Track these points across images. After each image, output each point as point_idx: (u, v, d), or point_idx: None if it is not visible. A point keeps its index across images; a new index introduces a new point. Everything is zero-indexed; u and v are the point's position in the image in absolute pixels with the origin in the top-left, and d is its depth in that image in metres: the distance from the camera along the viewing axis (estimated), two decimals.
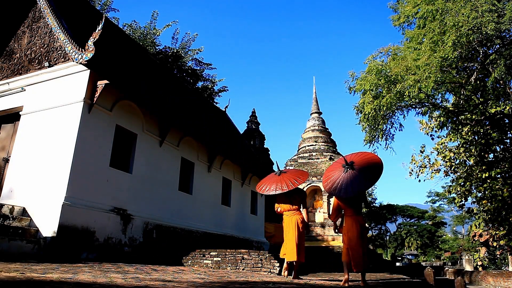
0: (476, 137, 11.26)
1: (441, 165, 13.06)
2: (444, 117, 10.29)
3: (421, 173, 13.38)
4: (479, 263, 22.18)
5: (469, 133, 11.19)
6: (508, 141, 11.50)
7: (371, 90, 8.75)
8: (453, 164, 12.61)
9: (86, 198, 7.02)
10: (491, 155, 11.75)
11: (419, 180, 14.37)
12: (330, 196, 23.69)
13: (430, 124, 12.65)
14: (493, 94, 9.63)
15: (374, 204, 44.94)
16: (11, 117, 8.36)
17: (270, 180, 7.07)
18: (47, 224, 6.38)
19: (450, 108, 10.20)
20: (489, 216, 11.74)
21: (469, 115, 10.28)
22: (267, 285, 4.74)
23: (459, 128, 10.80)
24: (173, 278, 4.73)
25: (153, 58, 14.12)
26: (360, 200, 6.42)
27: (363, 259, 5.95)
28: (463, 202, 12.74)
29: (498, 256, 21.26)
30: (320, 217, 23.46)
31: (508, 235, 12.03)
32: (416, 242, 44.63)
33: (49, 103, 7.65)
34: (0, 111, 8.44)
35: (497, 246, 18.20)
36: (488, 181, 11.21)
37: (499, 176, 11.35)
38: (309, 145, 27.46)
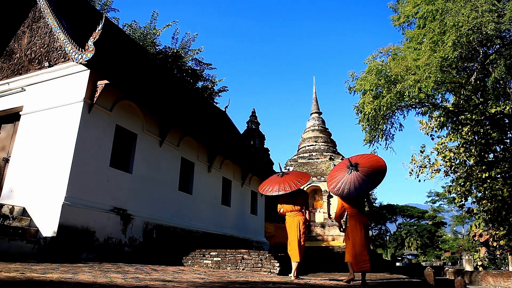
0: (476, 137, 11.27)
1: (441, 165, 13.06)
2: (444, 117, 10.29)
3: (421, 173, 13.39)
4: (479, 263, 22.18)
5: (469, 133, 11.19)
6: (508, 141, 11.50)
7: (371, 90, 8.75)
8: (453, 164, 12.61)
9: (86, 198, 7.02)
10: (491, 155, 11.75)
11: (419, 180, 14.38)
12: (330, 196, 23.72)
13: (430, 124, 12.65)
14: (493, 94, 9.63)
15: (374, 204, 44.94)
16: (11, 117, 8.36)
17: (273, 182, 7.17)
18: (47, 224, 6.38)
19: (450, 108, 10.21)
20: (489, 216, 11.74)
21: (469, 115, 10.28)
22: (267, 285, 4.74)
23: (459, 128, 10.80)
24: (173, 278, 4.73)
25: (153, 58, 14.12)
26: (364, 201, 6.53)
27: (367, 259, 6.02)
28: (463, 202, 12.75)
29: (498, 256, 21.26)
30: (320, 217, 23.46)
31: (508, 235, 12.03)
32: (416, 242, 44.63)
33: (49, 103, 7.65)
34: (0, 111, 8.44)
35: (497, 246, 18.20)
36: (488, 181, 11.21)
37: (499, 176, 11.35)
38: (309, 145, 27.47)
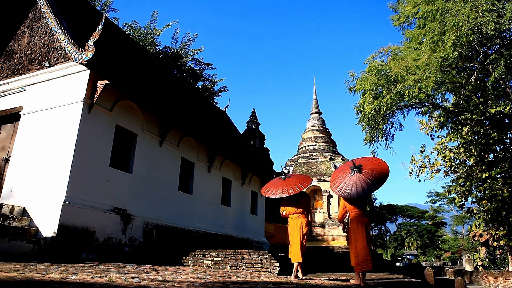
0: (476, 137, 11.26)
1: (441, 165, 13.06)
2: (444, 117, 10.29)
3: (421, 173, 13.40)
4: (479, 263, 22.17)
5: (469, 133, 11.19)
6: (508, 141, 11.50)
7: (371, 90, 8.75)
8: (453, 164, 12.61)
9: (86, 198, 7.02)
10: (491, 155, 11.75)
11: (419, 180, 14.40)
12: (330, 196, 23.72)
13: (430, 124, 12.65)
14: (493, 94, 9.63)
15: (374, 204, 44.94)
16: (11, 117, 8.36)
17: (276, 184, 7.28)
18: (47, 224, 6.38)
19: (450, 108, 10.20)
20: (489, 216, 11.74)
21: (469, 115, 10.28)
22: (267, 285, 4.74)
23: (459, 128, 10.80)
24: (173, 278, 4.73)
25: (153, 58, 14.12)
26: (366, 202, 6.63)
27: (369, 259, 6.13)
28: (463, 202, 12.74)
29: (498, 256, 21.25)
30: (320, 217, 23.46)
31: (508, 235, 12.02)
32: (416, 242, 44.63)
33: (49, 103, 7.65)
34: (0, 111, 8.44)
35: (497, 246, 18.20)
36: (488, 181, 11.21)
37: (499, 176, 11.35)
38: (309, 145, 27.48)
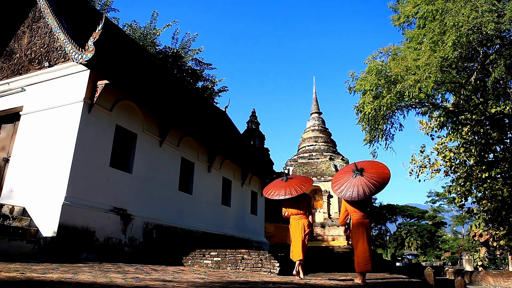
0: (476, 137, 11.26)
1: (441, 165, 13.05)
2: (444, 117, 10.28)
3: (421, 173, 13.39)
4: (479, 263, 22.16)
5: (469, 133, 11.19)
6: (508, 141, 11.50)
7: (371, 90, 8.75)
8: (453, 164, 12.61)
9: (86, 198, 7.02)
10: (491, 155, 11.75)
11: (419, 180, 14.38)
12: (330, 196, 23.73)
13: (430, 124, 12.64)
14: (493, 94, 9.63)
15: (374, 204, 44.95)
16: (11, 117, 8.36)
17: (278, 186, 7.40)
18: (47, 224, 6.38)
19: (450, 108, 10.20)
20: (489, 216, 11.74)
21: (469, 115, 10.27)
22: (267, 285, 4.74)
23: (459, 128, 10.80)
24: (173, 278, 4.73)
25: (153, 58, 14.12)
26: (367, 204, 6.72)
27: (369, 260, 6.26)
28: (463, 202, 12.73)
29: (498, 256, 21.24)
30: (320, 217, 23.47)
31: (508, 235, 12.02)
32: (416, 242, 44.63)
33: (49, 103, 7.65)
34: (0, 111, 8.44)
35: (497, 246, 18.18)
36: (488, 181, 11.20)
37: (499, 176, 11.35)
38: (309, 145, 27.48)
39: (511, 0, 7.48)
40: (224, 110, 18.10)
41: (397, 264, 32.69)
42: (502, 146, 11.55)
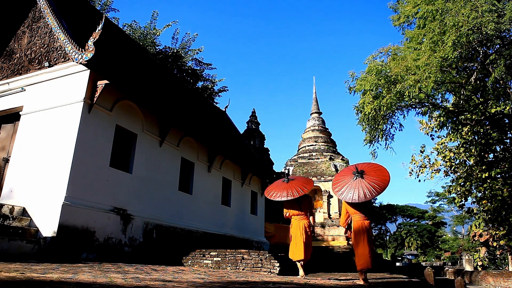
0: (476, 137, 11.26)
1: (441, 165, 13.06)
2: (444, 117, 10.28)
3: (421, 173, 13.39)
4: (479, 263, 22.17)
5: (469, 133, 11.19)
6: (508, 141, 11.50)
7: (371, 90, 8.75)
8: (453, 164, 12.61)
9: (86, 198, 7.02)
10: (491, 155, 11.75)
11: (419, 180, 14.39)
12: (330, 196, 23.73)
13: (430, 124, 12.64)
14: (493, 94, 9.63)
15: (374, 204, 44.97)
16: (11, 117, 8.36)
17: (279, 187, 7.53)
18: (47, 224, 6.38)
19: (450, 108, 10.20)
20: (489, 216, 11.74)
21: (469, 115, 10.28)
22: (267, 285, 4.74)
23: (459, 128, 10.80)
24: (173, 278, 4.73)
25: (153, 58, 14.12)
26: (367, 206, 6.77)
27: (368, 259, 6.32)
28: (463, 202, 12.74)
29: (498, 256, 21.23)
30: (320, 217, 23.47)
31: (508, 235, 12.02)
32: (416, 242, 44.64)
33: (49, 103, 7.65)
34: (0, 111, 8.44)
35: (497, 246, 18.19)
36: (488, 181, 11.20)
37: (499, 176, 11.35)
38: (309, 145, 27.48)
39: (511, 0, 7.48)
40: (224, 110, 18.11)
41: (397, 264, 32.69)
42: (502, 146, 11.55)
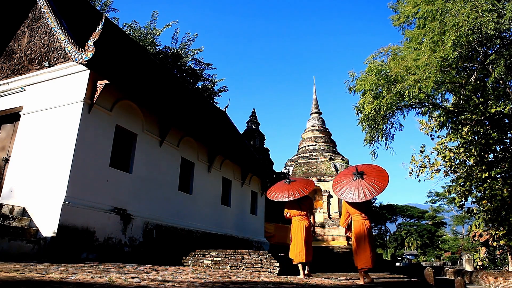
0: (476, 137, 11.26)
1: (441, 165, 13.06)
2: (444, 117, 10.29)
3: (421, 173, 13.39)
4: (479, 263, 22.17)
5: (469, 133, 11.19)
6: (508, 141, 11.50)
7: (371, 90, 8.75)
8: (453, 164, 12.61)
9: (86, 198, 7.02)
10: (491, 155, 11.75)
11: (419, 180, 14.38)
12: (330, 196, 23.74)
13: (430, 124, 12.64)
14: (493, 94, 9.63)
15: (374, 204, 44.98)
16: (11, 117, 8.36)
17: (281, 188, 7.71)
18: (47, 224, 6.38)
19: (450, 108, 10.20)
20: (489, 216, 11.74)
21: (469, 115, 10.28)
22: (267, 285, 4.74)
23: (459, 128, 10.81)
24: (173, 278, 4.73)
25: (153, 58, 14.12)
26: (367, 206, 6.88)
27: (369, 259, 6.39)
28: (463, 202, 12.74)
29: (498, 256, 21.23)
30: (320, 217, 23.47)
31: (508, 235, 12.02)
32: (416, 242, 44.64)
33: (49, 103, 7.65)
34: (0, 111, 8.44)
35: (497, 246, 18.18)
36: (488, 181, 11.20)
37: (499, 176, 11.35)
38: (309, 145, 27.48)
39: (511, 0, 7.48)
40: (224, 110, 18.11)
41: (397, 264, 32.69)
42: (502, 146, 11.55)
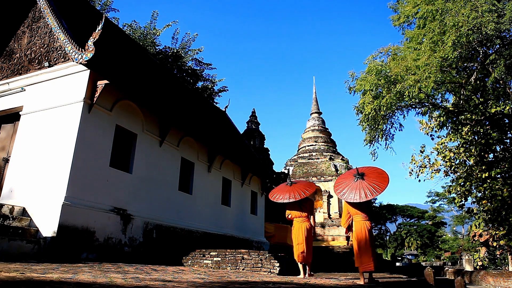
0: (476, 137, 11.26)
1: (441, 165, 13.05)
2: (444, 117, 10.28)
3: (421, 173, 13.38)
4: (479, 263, 22.17)
5: (469, 133, 11.19)
6: (508, 141, 11.50)
7: (371, 90, 8.75)
8: (453, 164, 12.60)
9: (86, 198, 7.02)
10: (491, 155, 11.75)
11: (419, 180, 14.38)
12: (330, 196, 23.75)
13: (430, 124, 12.64)
14: (493, 94, 9.63)
15: (374, 204, 44.98)
16: (11, 117, 8.36)
17: (283, 190, 7.90)
18: (47, 224, 6.38)
19: (450, 108, 10.20)
20: (489, 216, 11.73)
21: (469, 115, 10.28)
22: (267, 285, 4.74)
23: (459, 128, 10.80)
24: (173, 278, 4.73)
25: (153, 58, 14.12)
26: (367, 207, 6.94)
27: (371, 260, 6.44)
28: (463, 202, 12.73)
29: (498, 256, 21.22)
30: (320, 217, 23.48)
31: (508, 235, 12.02)
32: (416, 242, 44.63)
33: (49, 103, 7.65)
34: (0, 111, 8.44)
35: (497, 246, 18.17)
36: (488, 181, 11.20)
37: (499, 176, 11.35)
38: (309, 145, 27.49)
39: (511, 0, 7.48)
40: (224, 110, 18.11)
41: (397, 264, 32.70)
42: (502, 146, 11.55)
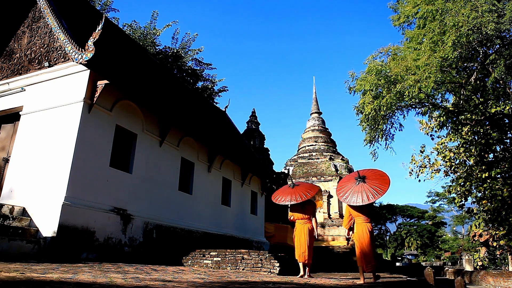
0: (476, 137, 11.26)
1: (441, 165, 13.06)
2: (444, 117, 10.29)
3: (421, 173, 13.39)
4: (479, 263, 22.17)
5: (469, 133, 11.19)
6: (508, 141, 11.50)
7: (371, 90, 8.75)
8: (453, 164, 12.61)
9: (86, 198, 7.02)
10: (491, 155, 11.75)
11: (419, 180, 14.39)
12: (330, 196, 23.76)
13: (430, 124, 12.64)
14: (493, 94, 9.63)
15: (374, 204, 45.01)
16: (11, 117, 8.36)
17: (285, 192, 7.99)
18: (47, 224, 6.38)
19: (450, 108, 10.20)
20: (489, 216, 11.74)
21: (469, 115, 10.28)
22: (267, 285, 4.74)
23: (459, 128, 10.81)
24: (173, 278, 4.73)
25: (153, 58, 14.12)
26: (370, 209, 6.99)
27: (372, 261, 6.55)
28: (463, 202, 12.74)
29: (498, 256, 21.23)
30: (320, 217, 23.48)
31: (508, 235, 12.02)
32: (416, 242, 44.64)
33: (49, 103, 7.65)
34: (0, 111, 8.44)
35: (497, 246, 18.19)
36: (488, 181, 11.20)
37: (499, 176, 11.35)
38: (309, 145, 27.49)
39: (511, 0, 7.48)
40: (224, 110, 18.10)
41: (397, 264, 32.70)
42: (502, 146, 11.55)
